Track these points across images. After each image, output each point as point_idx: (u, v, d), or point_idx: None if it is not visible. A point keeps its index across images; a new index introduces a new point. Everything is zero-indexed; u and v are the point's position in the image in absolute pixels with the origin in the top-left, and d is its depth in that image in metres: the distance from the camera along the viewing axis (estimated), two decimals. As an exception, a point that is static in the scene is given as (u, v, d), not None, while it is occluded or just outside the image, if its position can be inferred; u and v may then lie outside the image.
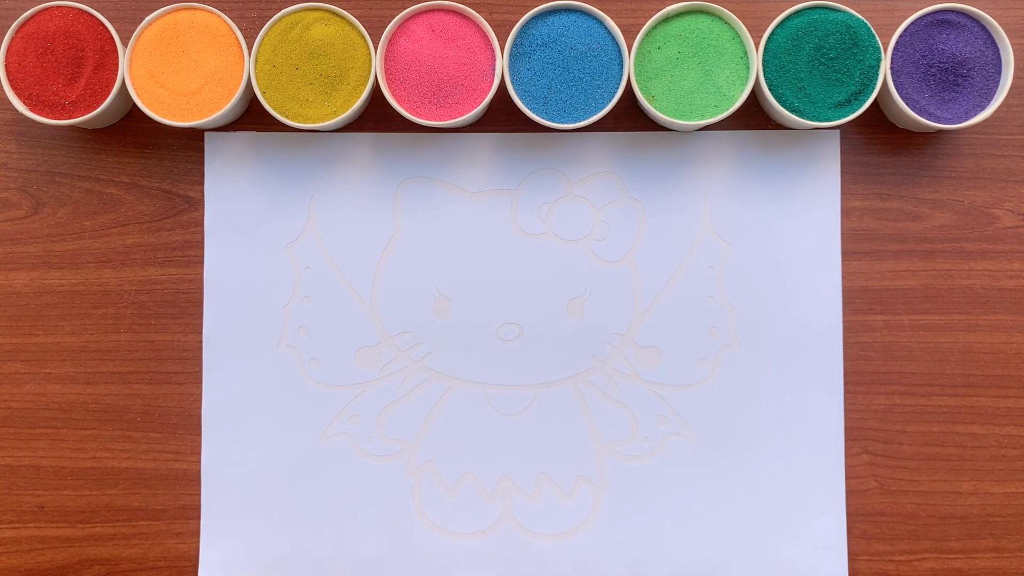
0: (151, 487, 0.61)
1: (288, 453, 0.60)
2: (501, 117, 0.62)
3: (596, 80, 0.57)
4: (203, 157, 0.62)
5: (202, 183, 0.62)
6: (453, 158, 0.61)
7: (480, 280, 0.61)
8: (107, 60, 0.58)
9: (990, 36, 0.57)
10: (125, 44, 0.58)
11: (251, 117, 0.62)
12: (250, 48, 0.57)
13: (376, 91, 0.61)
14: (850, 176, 0.61)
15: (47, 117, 0.58)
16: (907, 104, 0.57)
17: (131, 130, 0.62)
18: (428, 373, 0.61)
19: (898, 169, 0.61)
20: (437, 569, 0.60)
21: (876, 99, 0.58)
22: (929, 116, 0.57)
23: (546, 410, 0.60)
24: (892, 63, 0.57)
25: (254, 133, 0.62)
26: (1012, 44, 0.57)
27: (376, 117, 0.62)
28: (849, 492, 0.60)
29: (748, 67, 0.57)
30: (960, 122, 0.57)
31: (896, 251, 0.61)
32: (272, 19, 0.58)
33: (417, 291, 0.61)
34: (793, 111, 0.57)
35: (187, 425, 0.61)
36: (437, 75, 0.57)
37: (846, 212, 0.61)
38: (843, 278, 0.61)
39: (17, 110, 0.58)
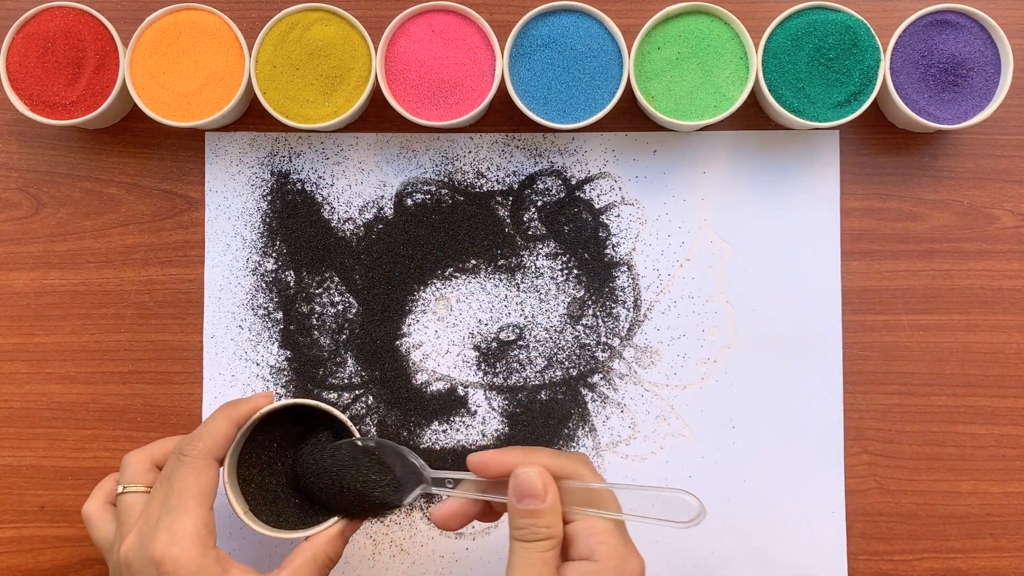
0: (151, 487, 0.61)
1: (288, 453, 0.61)
2: (501, 117, 0.62)
3: (596, 80, 0.57)
4: (203, 157, 0.62)
5: (202, 183, 0.62)
6: (453, 158, 0.61)
7: (480, 281, 0.61)
8: (108, 60, 0.58)
9: (989, 36, 0.57)
10: (126, 44, 0.58)
11: (251, 117, 0.62)
12: (250, 48, 0.58)
13: (376, 91, 0.61)
14: (849, 176, 0.61)
15: (47, 117, 0.58)
16: (906, 104, 0.57)
17: (131, 130, 0.62)
18: (428, 375, 0.61)
19: (897, 169, 0.61)
20: (436, 567, 0.60)
21: (875, 99, 0.58)
22: (928, 116, 0.57)
23: (546, 411, 0.60)
24: (891, 63, 0.57)
25: (254, 133, 0.62)
26: (1012, 44, 0.57)
27: (376, 117, 0.62)
28: (849, 492, 0.60)
29: (748, 67, 0.57)
30: (959, 122, 0.57)
31: (895, 251, 0.61)
32: (272, 19, 0.58)
33: (417, 292, 0.61)
34: (793, 111, 0.57)
35: (187, 425, 0.61)
36: (437, 75, 0.57)
37: (845, 212, 0.61)
38: (842, 278, 0.61)
39: (17, 110, 0.58)
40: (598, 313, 0.61)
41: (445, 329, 0.61)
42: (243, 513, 0.51)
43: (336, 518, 0.51)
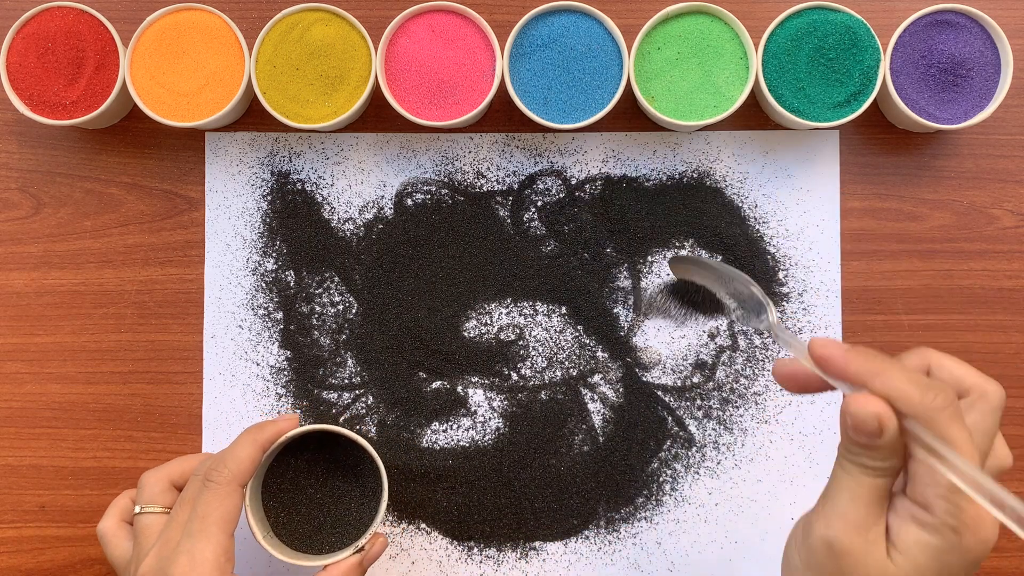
0: (152, 487, 0.61)
1: (288, 453, 0.60)
2: (501, 117, 0.62)
3: (596, 80, 0.57)
4: (203, 157, 0.62)
5: (202, 183, 0.62)
6: (453, 158, 0.61)
7: (480, 281, 0.61)
8: (108, 60, 0.58)
9: (989, 36, 0.57)
10: (126, 44, 0.58)
11: (251, 117, 0.62)
12: (250, 48, 0.58)
13: (376, 91, 0.61)
14: (849, 176, 0.61)
15: (48, 117, 0.58)
16: (906, 104, 0.57)
17: (131, 130, 0.62)
18: (428, 374, 0.61)
19: (897, 169, 0.61)
20: (436, 568, 0.60)
21: (875, 99, 0.58)
22: (928, 116, 0.57)
23: (546, 411, 0.60)
24: (891, 63, 0.57)
25: (254, 133, 0.62)
26: (1011, 44, 0.57)
27: (376, 117, 0.62)
28: (848, 492, 0.60)
29: (748, 67, 0.57)
30: (959, 122, 0.57)
31: (895, 251, 0.61)
32: (272, 20, 0.58)
33: (417, 292, 0.61)
34: (793, 111, 0.57)
35: (187, 425, 0.61)
36: (437, 75, 0.57)
37: (845, 212, 0.61)
38: (842, 278, 0.61)
39: (18, 110, 0.58)
40: (598, 313, 0.61)
41: (445, 329, 0.61)
42: (262, 537, 0.51)
43: (353, 548, 0.51)
